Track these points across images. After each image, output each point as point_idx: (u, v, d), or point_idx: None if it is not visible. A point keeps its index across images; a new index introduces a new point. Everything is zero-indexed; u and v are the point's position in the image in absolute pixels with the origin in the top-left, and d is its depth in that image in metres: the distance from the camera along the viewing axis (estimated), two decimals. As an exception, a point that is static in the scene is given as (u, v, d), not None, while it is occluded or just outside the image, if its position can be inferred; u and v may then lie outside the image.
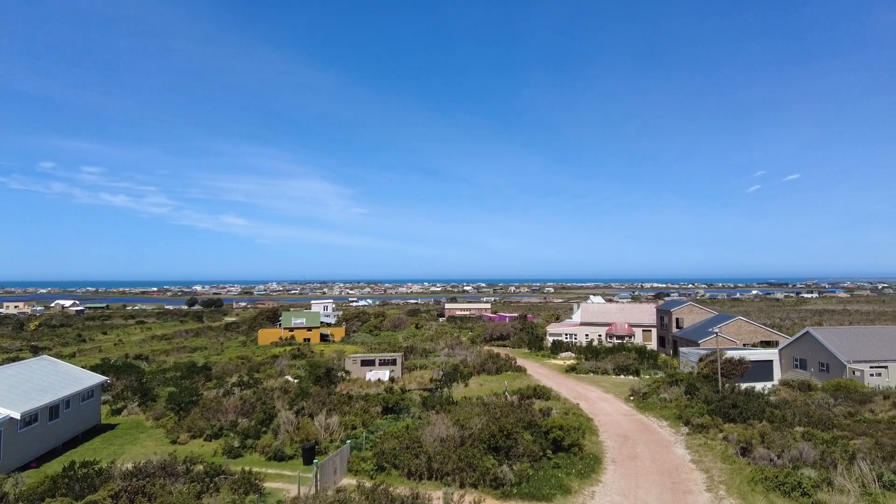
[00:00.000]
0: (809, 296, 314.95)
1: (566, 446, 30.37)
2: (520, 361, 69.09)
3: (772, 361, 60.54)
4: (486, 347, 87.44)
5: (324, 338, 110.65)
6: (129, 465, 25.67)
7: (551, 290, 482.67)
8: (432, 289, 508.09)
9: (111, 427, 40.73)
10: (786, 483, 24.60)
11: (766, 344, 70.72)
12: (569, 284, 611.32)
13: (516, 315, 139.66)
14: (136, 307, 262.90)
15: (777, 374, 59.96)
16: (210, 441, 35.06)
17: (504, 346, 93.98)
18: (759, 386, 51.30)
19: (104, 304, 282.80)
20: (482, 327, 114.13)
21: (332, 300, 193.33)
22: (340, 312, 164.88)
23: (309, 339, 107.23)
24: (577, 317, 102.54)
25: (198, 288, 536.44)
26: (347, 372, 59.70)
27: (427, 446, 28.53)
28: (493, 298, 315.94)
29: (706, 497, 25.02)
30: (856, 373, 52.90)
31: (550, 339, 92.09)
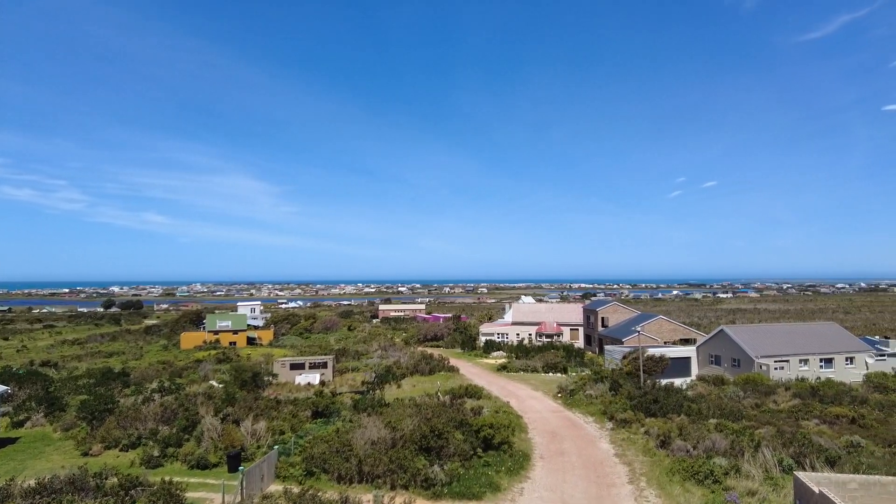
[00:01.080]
0: (725, 296, 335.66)
1: (496, 444, 30.87)
2: (453, 361, 69.59)
3: (690, 358, 64.12)
4: (420, 348, 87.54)
5: (251, 341, 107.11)
6: (32, 482, 23.72)
7: (485, 290, 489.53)
8: (366, 290, 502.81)
9: (11, 441, 37.54)
10: (700, 472, 26.12)
11: (685, 342, 74.70)
12: (502, 285, 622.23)
13: (450, 316, 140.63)
14: (44, 310, 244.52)
15: (694, 369, 63.56)
16: (127, 451, 33.08)
17: (438, 346, 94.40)
18: (678, 381, 54.19)
19: (6, 307, 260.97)
20: (416, 328, 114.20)
21: (260, 302, 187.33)
22: (269, 315, 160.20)
23: (235, 343, 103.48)
24: (508, 316, 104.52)
25: (115, 289, 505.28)
26: (275, 376, 58.08)
27: (358, 449, 28.21)
28: (427, 299, 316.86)
29: (628, 489, 26.12)
30: (763, 367, 56.85)
31: (483, 338, 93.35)
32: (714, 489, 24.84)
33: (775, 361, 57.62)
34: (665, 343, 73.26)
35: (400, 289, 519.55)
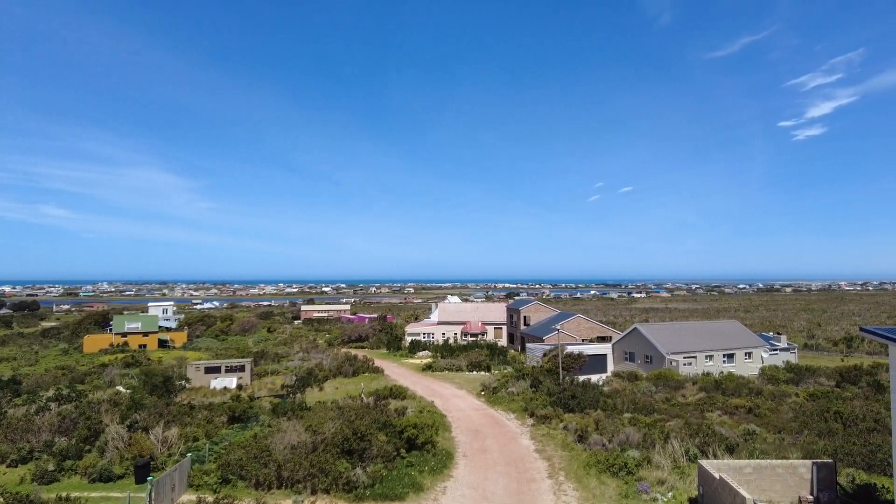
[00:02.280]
0: (639, 295, 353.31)
1: (420, 444, 30.89)
2: (378, 362, 69.00)
3: (606, 355, 66.98)
4: (344, 350, 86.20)
5: (163, 344, 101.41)
6: None
7: (412, 290, 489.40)
8: (288, 290, 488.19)
9: None
10: (615, 464, 27.30)
11: (602, 339, 77.96)
12: (429, 285, 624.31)
13: (376, 316, 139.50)
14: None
15: (610, 366, 66.46)
16: (16, 467, 30.26)
17: (362, 347, 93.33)
18: (594, 377, 56.45)
19: None
20: (340, 329, 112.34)
21: (173, 302, 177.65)
22: (182, 316, 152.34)
23: (145, 346, 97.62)
24: (434, 316, 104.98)
25: (6, 289, 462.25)
26: (189, 380, 55.30)
27: (277, 454, 27.38)
28: (352, 299, 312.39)
29: (547, 484, 26.85)
30: (673, 363, 60.31)
31: (409, 338, 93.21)
32: (627, 480, 26.05)
33: (684, 357, 61.29)
34: (583, 341, 76.12)
35: (324, 289, 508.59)
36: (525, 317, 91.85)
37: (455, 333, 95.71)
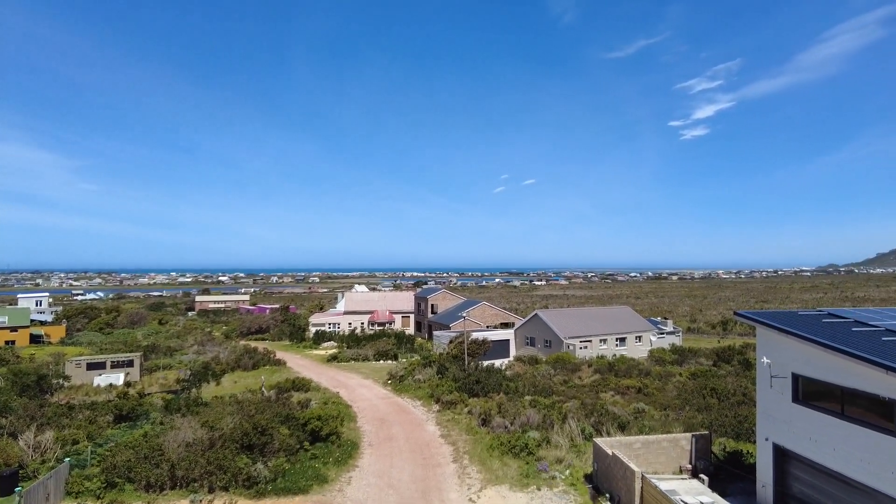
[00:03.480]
0: (539, 283, 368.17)
1: (325, 436, 30.36)
2: (280, 354, 66.86)
3: (509, 340, 69.13)
4: (243, 342, 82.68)
5: (36, 339, 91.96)
6: None
7: (317, 279, 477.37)
8: (181, 280, 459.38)
9: None
10: (516, 446, 28.30)
11: (505, 325, 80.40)
12: (335, 274, 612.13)
13: (278, 306, 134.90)
14: None
15: (513, 351, 68.70)
16: None
17: (263, 339, 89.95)
18: (498, 362, 58.13)
19: None
20: (239, 321, 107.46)
21: (48, 294, 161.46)
22: (60, 308, 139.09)
23: (14, 342, 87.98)
24: (341, 306, 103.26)
25: None
26: (68, 378, 50.59)
27: (170, 453, 25.77)
28: (252, 289, 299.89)
29: (452, 468, 27.33)
30: (570, 347, 63.40)
31: (313, 329, 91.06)
32: (528, 460, 27.10)
33: (580, 341, 64.63)
34: (488, 327, 78.14)
35: (221, 278, 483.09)
36: (432, 305, 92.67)
37: (362, 323, 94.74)
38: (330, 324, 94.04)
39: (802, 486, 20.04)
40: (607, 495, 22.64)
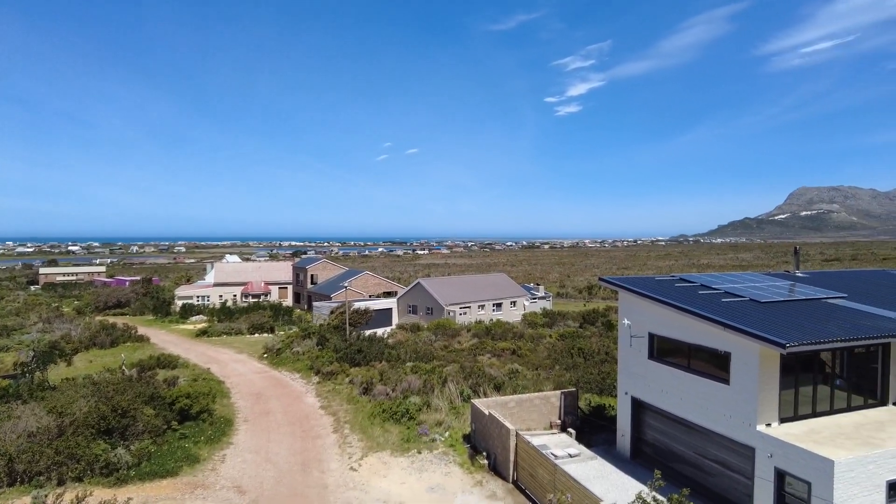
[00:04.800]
0: (422, 252, 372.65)
1: (195, 414, 28.53)
2: (142, 330, 61.61)
3: (391, 309, 69.35)
4: (99, 318, 75.05)
5: None
6: None
7: (182, 249, 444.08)
8: (20, 250, 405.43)
9: None
10: (397, 412, 28.49)
11: (388, 294, 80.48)
12: (203, 243, 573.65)
13: (139, 278, 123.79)
14: None
15: (395, 319, 69.07)
16: None
17: (123, 314, 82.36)
18: (380, 331, 58.10)
19: None
20: (94, 294, 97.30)
21: None
22: None
23: None
24: (210, 277, 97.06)
25: None
26: None
27: (8, 445, 22.72)
28: (109, 260, 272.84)
29: (333, 438, 26.94)
30: (450, 313, 64.96)
31: (180, 302, 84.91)
32: (409, 425, 27.41)
33: (460, 308, 66.45)
34: (371, 296, 77.73)
35: (71, 248, 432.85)
36: (312, 275, 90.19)
37: (234, 295, 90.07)
38: (198, 296, 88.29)
39: (654, 432, 22.25)
40: (484, 453, 23.56)
